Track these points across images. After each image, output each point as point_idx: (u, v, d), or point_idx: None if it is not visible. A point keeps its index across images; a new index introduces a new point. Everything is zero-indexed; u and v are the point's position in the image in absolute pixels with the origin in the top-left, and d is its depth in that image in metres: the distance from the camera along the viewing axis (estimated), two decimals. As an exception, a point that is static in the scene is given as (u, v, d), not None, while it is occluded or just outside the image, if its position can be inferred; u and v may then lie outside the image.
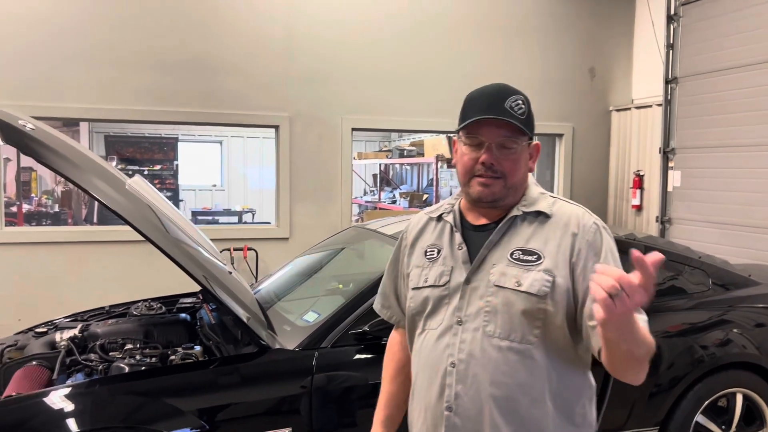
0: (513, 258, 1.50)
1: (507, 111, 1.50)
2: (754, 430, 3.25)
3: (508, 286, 1.48)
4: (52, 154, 2.41)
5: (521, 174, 1.55)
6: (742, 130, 5.30)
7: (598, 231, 1.51)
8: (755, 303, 3.37)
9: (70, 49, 5.22)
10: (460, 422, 1.50)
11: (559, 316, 1.47)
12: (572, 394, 1.53)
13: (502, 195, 1.53)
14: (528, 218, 1.55)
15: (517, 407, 1.47)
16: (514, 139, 1.51)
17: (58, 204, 10.02)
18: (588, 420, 1.56)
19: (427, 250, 1.63)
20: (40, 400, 2.34)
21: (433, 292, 1.57)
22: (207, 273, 2.69)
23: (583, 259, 1.48)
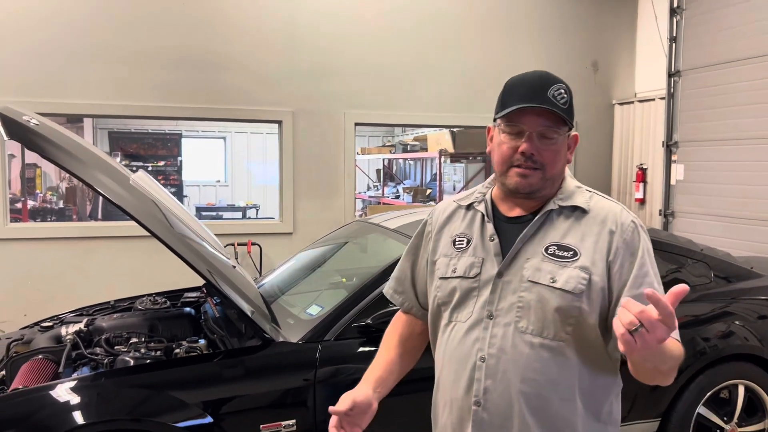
0: (548, 253, 1.46)
1: (549, 100, 1.44)
2: (756, 421, 3.26)
3: (543, 282, 1.44)
4: (57, 149, 2.43)
5: (560, 165, 1.51)
6: (746, 123, 5.29)
7: (635, 230, 1.48)
8: (757, 295, 3.38)
9: (74, 46, 5.23)
10: (488, 417, 1.47)
11: (593, 315, 1.43)
12: (601, 392, 1.50)
13: (539, 186, 1.48)
14: (564, 212, 1.50)
15: (546, 404, 1.44)
16: (555, 129, 1.46)
17: (62, 200, 10.07)
18: (614, 417, 1.54)
19: (456, 240, 1.58)
20: (47, 393, 2.36)
21: (462, 283, 1.52)
22: (211, 267, 2.71)
23: (620, 258, 1.45)
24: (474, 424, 1.48)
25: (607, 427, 1.52)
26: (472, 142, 9.04)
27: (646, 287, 1.41)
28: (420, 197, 9.98)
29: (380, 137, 13.86)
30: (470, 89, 6.26)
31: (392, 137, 13.41)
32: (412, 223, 3.36)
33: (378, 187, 12.20)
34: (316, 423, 2.53)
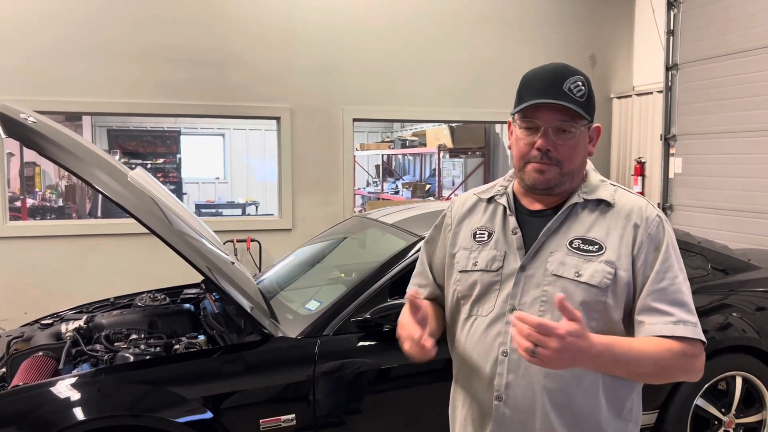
0: (572, 247, 1.44)
1: (565, 94, 1.41)
2: (753, 412, 3.27)
3: (567, 276, 1.42)
4: (54, 146, 2.43)
5: (579, 160, 1.48)
6: (743, 115, 5.30)
7: (660, 224, 1.46)
8: (755, 287, 3.39)
9: (72, 44, 5.23)
10: (510, 413, 1.45)
11: (618, 310, 1.43)
12: (624, 389, 1.49)
13: (557, 182, 1.46)
14: (589, 206, 1.48)
15: (570, 400, 1.43)
16: (572, 124, 1.43)
17: (62, 198, 10.07)
18: (635, 415, 1.54)
19: (477, 233, 1.56)
20: (47, 390, 2.37)
21: (484, 276, 1.51)
22: (210, 264, 2.72)
23: (644, 252, 1.43)
24: (495, 419, 1.47)
25: (628, 424, 1.51)
26: (471, 137, 9.05)
27: (669, 282, 1.42)
28: (419, 193, 9.99)
29: (379, 133, 13.86)
30: (468, 84, 6.26)
31: (391, 133, 13.41)
32: (410, 218, 3.38)
33: (377, 182, 12.21)
34: (316, 417, 2.54)
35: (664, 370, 1.38)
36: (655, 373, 1.38)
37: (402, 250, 2.89)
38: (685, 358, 1.37)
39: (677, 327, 1.38)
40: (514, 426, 1.46)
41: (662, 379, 1.43)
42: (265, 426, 2.48)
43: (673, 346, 1.37)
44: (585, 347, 1.26)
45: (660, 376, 1.41)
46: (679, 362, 1.37)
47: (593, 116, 1.49)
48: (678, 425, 3.11)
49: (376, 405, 2.67)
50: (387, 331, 2.69)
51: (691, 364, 1.39)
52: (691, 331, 1.38)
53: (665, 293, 1.40)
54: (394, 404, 2.69)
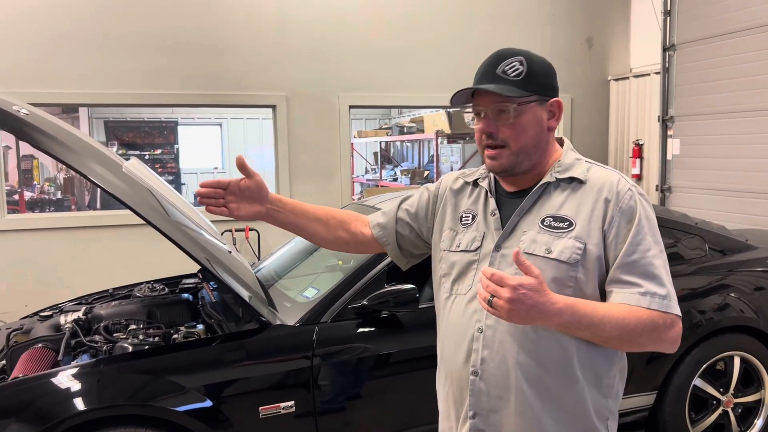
0: (544, 225, 1.48)
1: (498, 76, 1.47)
2: (752, 392, 3.29)
3: (538, 254, 1.45)
4: (48, 138, 2.42)
5: (528, 138, 1.50)
6: (741, 96, 5.27)
7: (633, 197, 1.46)
8: (752, 267, 3.39)
9: (66, 35, 5.21)
10: (486, 387, 1.49)
11: (590, 284, 1.45)
12: (601, 364, 1.50)
13: (510, 163, 1.50)
14: (561, 184, 1.51)
15: (543, 375, 1.46)
16: (506, 104, 1.46)
17: (60, 191, 10.06)
18: (615, 391, 1.55)
19: (463, 216, 1.62)
20: (47, 381, 2.38)
21: (464, 256, 1.56)
22: (207, 253, 2.72)
23: (616, 226, 1.45)
24: (472, 394, 1.51)
25: (608, 401, 1.53)
26: (469, 122, 9.00)
27: (641, 255, 1.42)
28: (418, 179, 9.97)
29: (377, 120, 13.82)
30: (465, 68, 6.18)
31: (389, 119, 13.37)
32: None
33: (376, 170, 12.19)
34: (315, 404, 2.56)
35: (630, 335, 1.38)
36: (620, 338, 1.38)
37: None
38: (654, 327, 1.38)
39: (644, 298, 1.39)
40: (490, 400, 1.49)
41: (631, 346, 1.43)
42: (264, 413, 2.50)
43: (641, 314, 1.38)
44: (542, 302, 1.30)
45: (627, 343, 1.41)
46: (646, 331, 1.38)
47: (544, 91, 1.51)
48: (676, 405, 3.12)
49: (375, 390, 2.69)
50: (384, 317, 2.70)
51: (660, 335, 1.39)
52: (657, 304, 1.39)
53: (635, 266, 1.41)
54: (392, 389, 2.71)
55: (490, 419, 1.49)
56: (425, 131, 9.79)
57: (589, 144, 6.77)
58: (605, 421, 1.52)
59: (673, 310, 1.41)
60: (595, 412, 1.49)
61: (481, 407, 1.50)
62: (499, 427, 1.49)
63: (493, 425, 1.49)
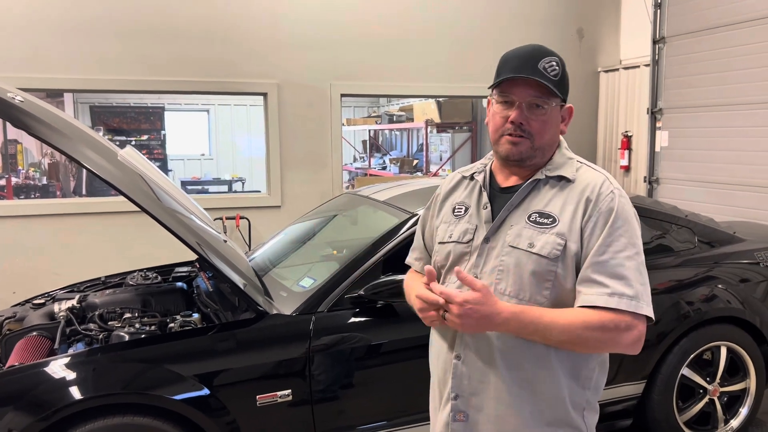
0: (530, 220, 1.53)
1: (539, 71, 1.51)
2: (737, 381, 3.36)
3: (521, 247, 1.51)
4: (44, 126, 2.40)
5: (549, 135, 1.57)
6: (730, 89, 5.33)
7: (614, 199, 1.51)
8: (740, 259, 3.45)
9: (55, 21, 5.13)
10: (467, 371, 1.57)
11: (569, 279, 1.50)
12: (579, 356, 1.55)
13: (529, 154, 1.56)
14: (551, 182, 1.57)
15: (521, 362, 1.52)
16: (544, 100, 1.53)
17: (45, 176, 9.95)
18: (595, 383, 1.60)
19: (455, 208, 1.68)
20: (43, 369, 2.38)
21: (456, 247, 1.62)
22: (202, 242, 2.72)
23: (592, 225, 1.50)
24: (454, 376, 1.59)
25: (586, 392, 1.58)
26: (459, 111, 9.04)
27: (611, 255, 1.47)
28: (407, 168, 9.99)
29: (365, 108, 13.78)
30: (456, 59, 6.23)
31: (378, 108, 13.34)
32: (402, 195, 3.39)
33: (364, 158, 12.18)
34: (312, 393, 2.58)
35: (578, 339, 1.44)
36: (570, 341, 1.45)
37: (395, 226, 2.90)
38: (603, 330, 1.42)
39: (611, 299, 1.43)
40: (471, 384, 1.57)
41: (584, 348, 1.49)
42: (261, 402, 2.51)
43: (590, 318, 1.43)
44: (488, 313, 1.41)
45: (579, 346, 1.47)
46: (595, 335, 1.43)
47: (566, 96, 1.59)
48: (664, 394, 3.18)
49: (371, 379, 2.71)
50: (381, 307, 2.72)
51: (614, 337, 1.43)
52: (624, 304, 1.43)
53: (605, 266, 1.46)
54: (388, 378, 2.73)
55: (471, 402, 1.58)
56: (415, 120, 9.80)
57: (578, 135, 6.81)
58: (581, 411, 1.58)
59: (639, 310, 1.45)
60: (571, 401, 1.56)
61: (462, 390, 1.58)
62: (479, 409, 1.57)
63: (474, 407, 1.58)
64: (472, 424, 1.58)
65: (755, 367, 3.35)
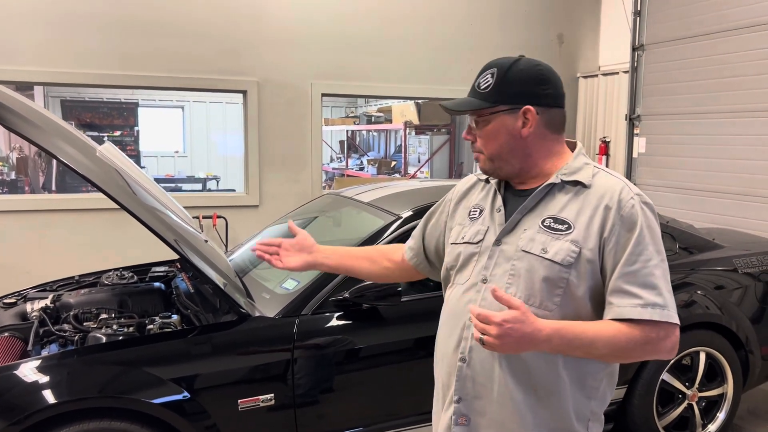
0: (544, 225, 1.51)
1: (474, 90, 1.57)
2: (715, 386, 3.40)
3: (534, 252, 1.49)
4: (17, 117, 2.31)
5: (497, 145, 1.55)
6: (707, 97, 5.42)
7: (635, 206, 1.47)
8: (718, 266, 3.49)
9: (26, 11, 4.99)
10: (471, 374, 1.55)
11: (582, 288, 1.48)
12: (587, 365, 1.52)
13: (488, 168, 1.59)
14: (566, 187, 1.54)
15: (527, 368, 1.50)
16: (478, 115, 1.56)
17: (14, 171, 9.69)
18: (602, 394, 1.57)
19: (471, 210, 1.68)
20: (15, 372, 2.29)
21: (467, 248, 1.61)
22: (183, 241, 2.65)
23: (616, 234, 1.46)
24: (458, 380, 1.57)
25: (590, 402, 1.55)
26: (437, 113, 9.04)
27: (642, 265, 1.44)
28: (384, 169, 9.96)
29: (343, 108, 13.73)
30: (437, 61, 6.23)
31: (355, 108, 13.29)
32: (387, 196, 3.35)
33: (341, 158, 12.12)
34: (295, 397, 2.53)
35: (623, 352, 1.43)
36: (614, 355, 1.44)
37: (380, 228, 2.87)
38: (646, 341, 1.42)
39: (645, 310, 1.41)
40: (475, 387, 1.55)
41: (625, 359, 1.48)
42: (243, 406, 2.46)
43: (633, 331, 1.41)
44: (529, 332, 1.35)
45: (622, 358, 1.47)
46: (639, 346, 1.42)
47: (514, 100, 1.53)
48: (645, 398, 3.20)
49: (355, 383, 2.67)
50: (365, 310, 2.68)
51: (654, 347, 1.44)
52: (658, 315, 1.42)
53: (636, 276, 1.44)
54: (372, 382, 2.70)
55: (474, 405, 1.55)
56: (393, 121, 9.78)
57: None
58: (585, 422, 1.55)
59: (672, 319, 1.44)
60: (575, 411, 1.52)
61: (465, 393, 1.56)
62: (481, 413, 1.55)
63: (476, 411, 1.55)
64: (474, 428, 1.56)
65: (733, 372, 3.40)
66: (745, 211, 5.13)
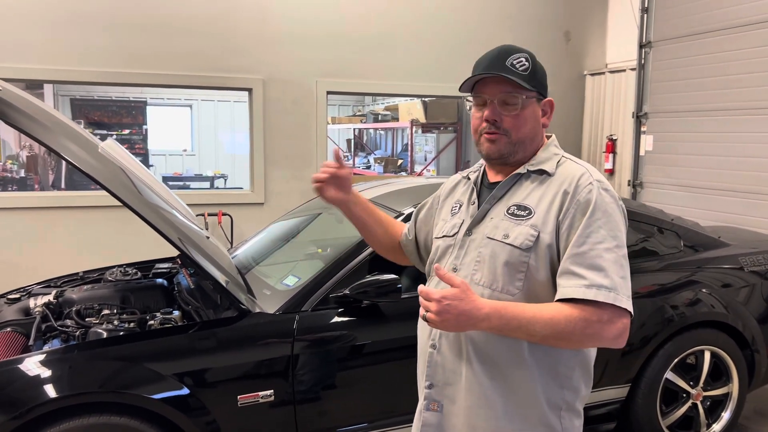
0: (508, 213, 1.56)
1: (507, 68, 1.53)
2: (720, 385, 3.37)
3: (497, 238, 1.54)
4: (23, 116, 2.33)
5: (527, 130, 1.57)
6: (714, 94, 5.37)
7: (592, 191, 1.49)
8: (724, 264, 3.46)
9: (36, 10, 5.02)
10: (441, 360, 1.60)
11: (542, 271, 1.50)
12: (555, 351, 1.52)
13: (508, 151, 1.58)
14: (533, 176, 1.59)
15: (493, 353, 1.52)
16: (515, 95, 1.54)
17: (24, 169, 9.76)
18: (573, 384, 1.56)
19: (453, 206, 1.73)
20: (17, 366, 2.31)
21: (444, 241, 1.67)
22: (184, 237, 2.66)
23: (570, 217, 1.48)
24: (429, 365, 1.62)
25: (563, 391, 1.55)
26: (444, 112, 9.02)
27: (590, 246, 1.44)
28: (391, 167, 9.96)
29: (350, 106, 13.72)
30: (443, 59, 6.21)
31: (363, 106, 13.29)
32: (388, 194, 3.35)
33: (348, 157, 12.12)
34: (294, 393, 2.53)
35: (562, 334, 1.41)
36: (554, 336, 1.41)
37: (381, 225, 2.86)
38: (587, 325, 1.39)
39: (589, 290, 1.40)
40: (445, 373, 1.59)
41: (569, 344, 1.45)
42: (243, 402, 2.46)
43: (572, 311, 1.40)
44: (468, 309, 1.38)
45: (563, 341, 1.43)
46: (579, 328, 1.40)
47: (542, 90, 1.60)
48: (648, 398, 3.18)
49: (355, 380, 2.67)
50: (366, 307, 2.68)
51: (597, 331, 1.40)
52: (603, 296, 1.40)
53: (584, 257, 1.44)
54: (372, 379, 2.69)
55: (445, 391, 1.60)
56: (400, 119, 9.76)
57: (563, 138, 6.83)
58: (558, 411, 1.55)
59: (618, 302, 1.41)
60: (546, 400, 1.53)
61: (437, 379, 1.61)
62: (452, 399, 1.58)
63: (447, 397, 1.59)
64: (446, 415, 1.60)
65: (738, 371, 3.37)
66: (753, 209, 5.08)
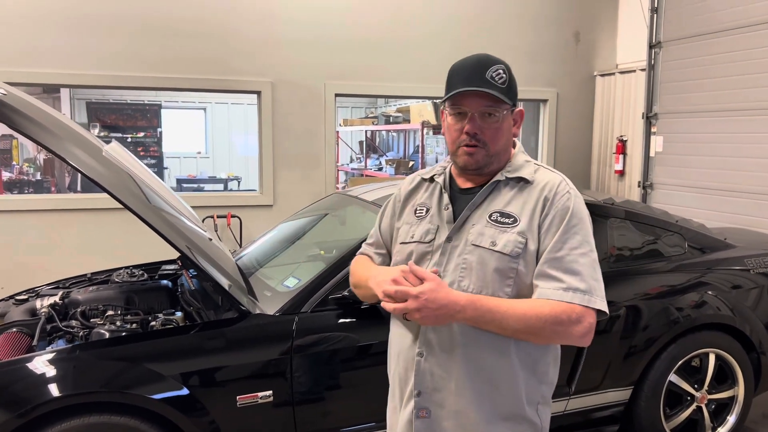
0: (491, 219, 1.58)
1: (488, 81, 1.56)
2: (725, 388, 3.33)
3: (484, 246, 1.56)
4: (25, 120, 2.37)
5: (503, 141, 1.62)
6: (724, 94, 5.32)
7: (570, 198, 1.57)
8: (730, 265, 3.43)
9: (50, 15, 5.11)
10: (429, 367, 1.61)
11: (529, 276, 1.56)
12: (537, 350, 1.61)
13: (485, 162, 1.62)
14: (510, 183, 1.63)
15: (483, 356, 1.56)
16: (495, 108, 1.58)
17: (40, 172, 9.90)
18: (549, 378, 1.66)
19: (417, 209, 1.73)
20: (21, 366, 2.35)
21: (418, 247, 1.66)
22: (187, 240, 2.69)
23: (548, 223, 1.56)
24: (416, 373, 1.62)
25: (542, 386, 1.64)
26: (455, 113, 8.99)
27: (566, 252, 1.52)
28: (403, 169, 9.95)
29: (363, 108, 13.76)
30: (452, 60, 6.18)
31: (375, 108, 13.31)
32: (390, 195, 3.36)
33: (361, 159, 12.14)
34: (293, 394, 2.55)
35: (532, 329, 1.48)
36: (524, 331, 1.49)
37: (381, 227, 2.87)
38: (557, 322, 1.47)
39: (566, 293, 1.49)
40: (434, 380, 1.60)
41: (538, 339, 1.53)
42: (242, 402, 2.48)
43: (544, 310, 1.47)
44: (445, 302, 1.45)
45: (533, 336, 1.51)
46: (549, 325, 1.47)
47: (515, 101, 1.64)
48: (652, 401, 3.16)
49: (354, 381, 2.68)
50: (365, 308, 2.69)
51: (566, 329, 1.48)
52: (578, 299, 1.49)
53: (561, 261, 1.52)
54: (370, 381, 2.70)
55: (433, 397, 1.61)
56: (411, 121, 9.76)
57: (573, 139, 6.80)
58: (535, 405, 1.62)
59: (593, 304, 1.50)
60: (527, 396, 1.60)
61: (425, 386, 1.61)
62: (441, 405, 1.60)
63: (436, 403, 1.61)
64: (435, 420, 1.61)
65: (744, 374, 3.33)
66: (764, 211, 5.02)
